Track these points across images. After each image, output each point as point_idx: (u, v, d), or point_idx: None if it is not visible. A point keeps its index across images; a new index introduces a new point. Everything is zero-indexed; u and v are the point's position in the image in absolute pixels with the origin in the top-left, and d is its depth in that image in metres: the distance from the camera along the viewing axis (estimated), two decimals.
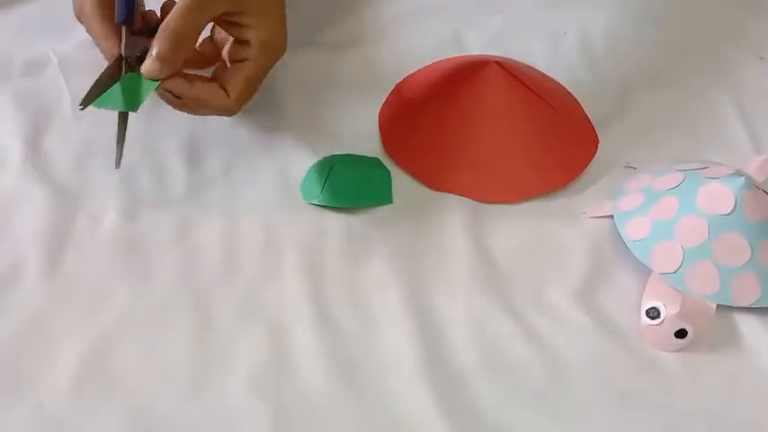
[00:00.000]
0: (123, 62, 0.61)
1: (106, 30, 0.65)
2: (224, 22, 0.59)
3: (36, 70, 0.74)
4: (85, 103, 0.58)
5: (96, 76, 0.63)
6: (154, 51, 0.57)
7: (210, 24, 0.64)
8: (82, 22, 0.67)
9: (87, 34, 0.66)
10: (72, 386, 0.54)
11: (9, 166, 0.67)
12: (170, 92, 0.59)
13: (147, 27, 0.65)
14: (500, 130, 0.68)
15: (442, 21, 0.82)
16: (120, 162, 0.62)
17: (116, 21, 0.63)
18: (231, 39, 0.62)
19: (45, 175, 0.66)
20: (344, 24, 0.81)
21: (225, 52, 0.63)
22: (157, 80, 0.58)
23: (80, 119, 0.70)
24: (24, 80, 0.73)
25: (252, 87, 0.60)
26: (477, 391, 0.55)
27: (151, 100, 0.61)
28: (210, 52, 0.64)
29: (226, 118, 0.66)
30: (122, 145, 0.60)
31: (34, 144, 0.68)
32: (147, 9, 0.66)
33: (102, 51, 0.66)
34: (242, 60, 0.59)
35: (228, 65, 0.62)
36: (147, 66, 0.58)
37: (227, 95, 0.59)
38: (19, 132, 0.69)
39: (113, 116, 0.69)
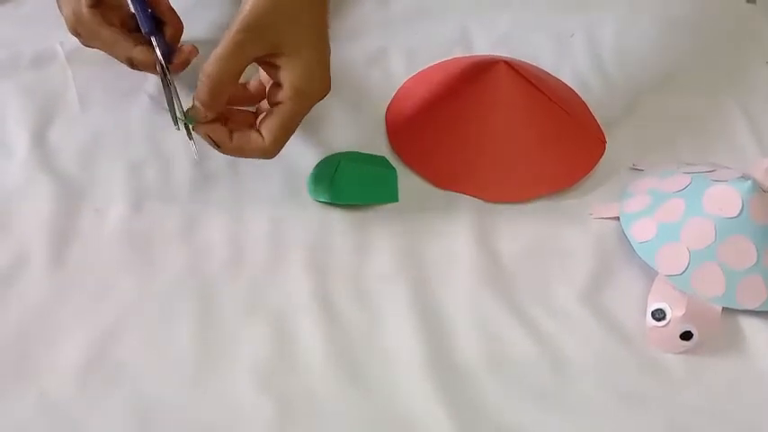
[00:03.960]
0: (165, 69, 0.62)
1: (114, 35, 0.65)
2: (263, 63, 0.59)
3: (43, 63, 0.74)
4: (176, 122, 0.61)
5: (103, 70, 0.67)
6: (196, 97, 0.58)
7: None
8: (80, 36, 0.67)
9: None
10: (76, 376, 0.54)
11: (15, 157, 0.67)
12: (211, 139, 0.60)
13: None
14: (507, 130, 0.68)
15: (449, 20, 0.82)
16: (197, 154, 0.62)
17: (144, 32, 0.63)
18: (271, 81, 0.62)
19: (51, 167, 0.66)
20: (352, 23, 0.81)
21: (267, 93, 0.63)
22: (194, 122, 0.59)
23: (86, 112, 0.70)
24: (32, 72, 0.73)
25: (287, 130, 0.59)
26: (481, 388, 0.55)
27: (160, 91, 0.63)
28: (258, 91, 0.64)
29: None
30: (193, 139, 0.61)
31: (40, 136, 0.68)
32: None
33: (116, 57, 0.67)
34: (278, 103, 0.60)
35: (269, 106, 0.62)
36: (192, 110, 0.59)
37: (263, 139, 0.59)
38: (25, 124, 0.69)
39: (119, 109, 0.70)
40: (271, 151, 0.60)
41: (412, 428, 0.53)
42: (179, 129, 0.61)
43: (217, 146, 0.60)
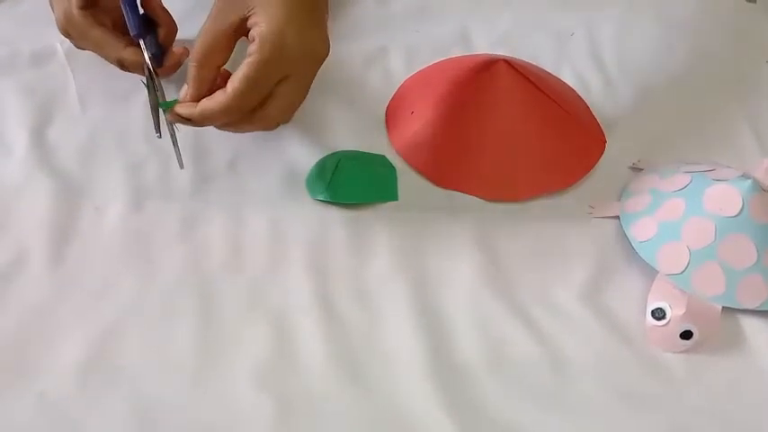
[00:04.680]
0: (151, 72, 0.62)
1: (104, 36, 0.65)
2: (244, 31, 0.59)
3: (43, 61, 0.74)
4: (158, 129, 0.62)
5: (103, 69, 0.66)
6: (186, 80, 0.58)
7: None
8: (71, 37, 0.67)
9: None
10: (76, 376, 0.54)
11: (15, 156, 0.66)
12: (180, 117, 0.59)
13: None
14: (507, 129, 0.67)
15: (449, 19, 0.82)
16: (182, 163, 0.62)
17: (131, 35, 0.63)
18: None
19: (50, 166, 0.66)
20: (352, 22, 0.81)
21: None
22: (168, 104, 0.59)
23: (86, 110, 0.70)
24: (31, 71, 0.73)
25: (254, 82, 0.56)
26: (481, 388, 0.55)
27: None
28: None
29: None
30: (177, 146, 0.61)
31: (40, 135, 0.68)
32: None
33: (106, 58, 0.67)
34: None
35: None
36: (182, 91, 0.58)
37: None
38: (25, 123, 0.69)
39: (118, 108, 0.70)
40: (230, 103, 0.56)
41: (412, 428, 0.53)
42: (160, 136, 0.61)
43: (188, 120, 0.59)
